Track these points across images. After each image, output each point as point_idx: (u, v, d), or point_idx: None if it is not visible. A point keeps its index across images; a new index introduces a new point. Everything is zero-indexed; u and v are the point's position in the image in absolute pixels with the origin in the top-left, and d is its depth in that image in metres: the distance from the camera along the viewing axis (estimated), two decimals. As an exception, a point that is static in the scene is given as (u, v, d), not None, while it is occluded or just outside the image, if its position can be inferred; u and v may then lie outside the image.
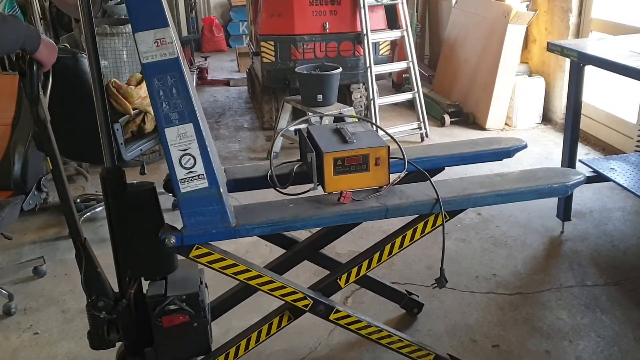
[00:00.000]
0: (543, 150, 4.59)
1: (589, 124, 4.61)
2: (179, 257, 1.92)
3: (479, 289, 2.81)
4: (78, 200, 3.84)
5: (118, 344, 2.10)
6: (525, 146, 2.38)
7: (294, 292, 1.97)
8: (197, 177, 1.74)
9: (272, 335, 2.06)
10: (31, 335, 2.59)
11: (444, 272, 2.04)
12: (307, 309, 2.00)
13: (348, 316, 2.05)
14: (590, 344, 2.41)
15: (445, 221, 1.98)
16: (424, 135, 4.94)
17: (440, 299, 2.73)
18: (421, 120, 4.93)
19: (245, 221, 1.84)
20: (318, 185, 1.99)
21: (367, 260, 2.03)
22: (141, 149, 3.42)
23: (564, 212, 3.33)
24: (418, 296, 2.63)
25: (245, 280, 1.92)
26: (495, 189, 1.97)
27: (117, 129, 3.17)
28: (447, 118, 5.24)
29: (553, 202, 3.48)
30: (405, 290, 2.63)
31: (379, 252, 2.02)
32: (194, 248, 1.83)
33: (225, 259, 1.87)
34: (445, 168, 2.31)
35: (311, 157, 1.95)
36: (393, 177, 2.02)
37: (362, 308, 2.68)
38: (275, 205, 1.95)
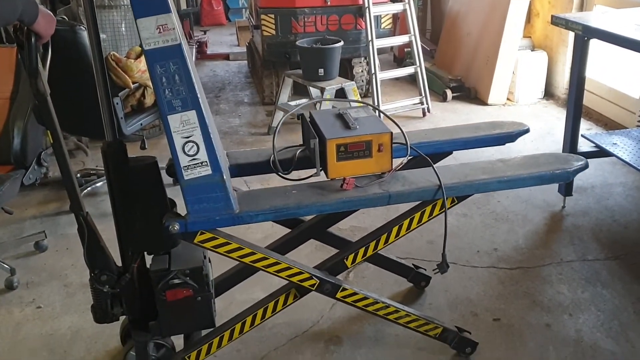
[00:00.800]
0: (545, 126, 4.57)
1: (591, 99, 4.58)
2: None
3: (480, 264, 2.82)
4: (78, 175, 3.83)
5: (122, 318, 2.11)
6: (527, 130, 2.38)
7: (300, 273, 1.98)
8: (200, 164, 1.74)
9: (278, 313, 2.07)
10: (34, 309, 2.61)
11: (445, 257, 2.06)
12: (313, 289, 2.01)
13: (355, 294, 2.06)
14: (590, 318, 2.42)
15: (454, 205, 1.99)
16: (426, 110, 4.91)
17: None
18: (423, 95, 4.90)
19: (248, 208, 1.84)
20: (321, 170, 1.99)
21: (374, 242, 2.04)
22: (141, 124, 3.39)
23: (566, 187, 3.32)
24: (425, 270, 2.63)
25: (251, 263, 1.93)
26: (498, 175, 1.98)
27: (117, 103, 3.14)
28: (449, 93, 5.21)
29: (555, 177, 3.47)
30: (412, 264, 2.64)
31: (386, 234, 2.03)
32: (198, 233, 1.84)
33: (230, 243, 1.88)
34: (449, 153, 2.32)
35: (314, 143, 1.95)
36: (396, 162, 2.03)
37: (363, 282, 2.68)
38: (278, 192, 1.95)
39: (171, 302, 1.92)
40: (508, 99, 5.12)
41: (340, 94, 4.29)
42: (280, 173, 2.07)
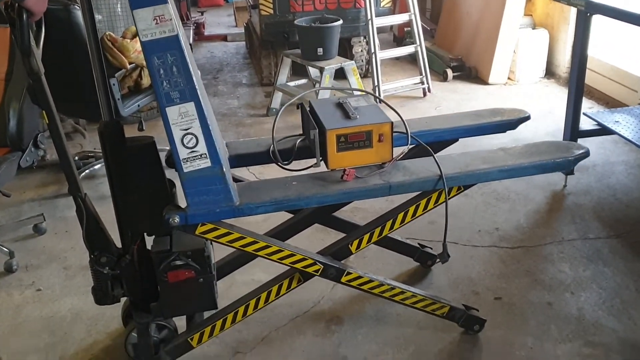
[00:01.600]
0: (546, 105, 4.54)
1: (593, 77, 4.54)
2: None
3: (481, 243, 2.81)
4: (76, 157, 3.81)
5: (123, 299, 2.11)
6: (528, 117, 2.38)
7: (303, 259, 1.97)
8: (199, 157, 1.72)
9: (282, 296, 2.07)
10: (34, 292, 2.60)
11: (446, 247, 2.05)
12: (317, 274, 2.01)
13: (359, 277, 2.06)
14: (592, 296, 2.41)
15: (460, 192, 1.99)
16: (426, 90, 4.87)
17: (443, 253, 2.72)
18: (423, 74, 4.85)
19: (248, 200, 1.83)
20: (321, 160, 1.98)
21: (380, 227, 2.04)
22: (139, 105, 3.36)
23: (567, 166, 3.30)
24: (431, 248, 2.62)
25: (254, 252, 1.93)
26: (498, 164, 1.97)
27: (114, 84, 3.11)
28: (449, 72, 5.16)
29: (556, 156, 3.45)
30: (418, 244, 2.62)
31: (391, 220, 2.03)
32: (199, 225, 1.83)
33: (232, 233, 1.87)
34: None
35: (314, 134, 1.94)
36: (398, 150, 2.02)
37: (364, 263, 2.67)
38: (279, 183, 1.94)
39: (173, 283, 1.91)
40: (509, 78, 5.08)
41: (340, 73, 4.25)
42: (280, 163, 2.06)
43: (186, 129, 1.68)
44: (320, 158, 1.98)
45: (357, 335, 2.26)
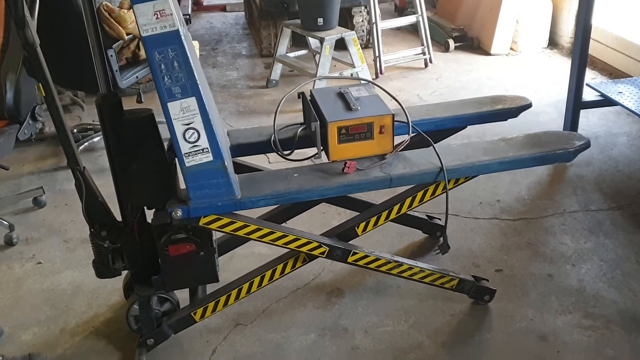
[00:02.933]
0: (549, 76, 4.49)
1: (597, 47, 4.48)
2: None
3: (482, 215, 2.80)
4: (75, 130, 3.78)
5: (124, 272, 2.11)
6: (529, 105, 2.37)
7: (308, 242, 1.98)
8: (201, 151, 1.72)
9: (286, 275, 2.08)
10: (34, 265, 2.60)
11: (447, 238, 2.06)
12: (324, 256, 2.01)
13: (366, 256, 2.06)
14: (593, 268, 2.41)
15: (467, 180, 2.00)
16: (428, 61, 4.82)
17: (444, 226, 2.72)
18: (425, 45, 4.79)
19: (250, 193, 1.84)
20: (322, 150, 1.97)
21: (387, 211, 2.07)
22: (137, 76, 3.32)
23: (569, 137, 3.27)
24: (440, 219, 2.62)
25: (258, 239, 1.93)
26: (499, 156, 1.98)
27: (111, 55, 3.07)
28: (451, 43, 5.10)
29: (558, 127, 3.43)
30: (426, 215, 2.62)
31: (399, 204, 2.05)
32: (202, 217, 1.84)
33: (235, 222, 1.87)
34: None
35: (315, 126, 1.94)
36: (399, 139, 2.02)
37: (365, 236, 2.66)
38: (280, 175, 1.94)
39: (174, 257, 1.91)
40: (511, 48, 5.02)
41: (340, 44, 4.19)
42: (281, 153, 2.07)
43: (188, 124, 1.68)
44: (322, 148, 1.98)
45: (357, 307, 2.26)
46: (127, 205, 1.95)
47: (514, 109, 2.32)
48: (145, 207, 1.99)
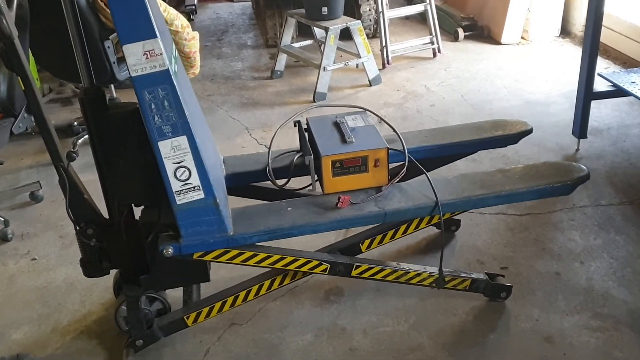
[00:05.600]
0: (560, 66, 4.36)
1: (610, 35, 4.34)
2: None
3: (488, 210, 2.70)
4: (75, 123, 3.73)
5: (115, 270, 2.05)
6: (530, 131, 2.30)
7: (308, 262, 1.93)
8: (192, 189, 1.70)
9: (285, 286, 2.06)
10: (29, 261, 2.55)
11: (442, 273, 2.01)
12: (326, 273, 1.98)
13: (370, 268, 2.01)
14: (602, 266, 2.32)
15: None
16: (436, 51, 4.71)
17: (448, 221, 2.63)
18: (433, 34, 4.68)
19: (242, 229, 1.81)
20: (316, 181, 1.96)
21: (393, 230, 2.09)
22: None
23: (580, 129, 3.16)
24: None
25: (255, 264, 1.89)
26: (496, 190, 1.93)
27: (108, 47, 3.00)
28: (460, 32, 4.98)
29: (569, 119, 3.31)
30: None
31: (406, 225, 2.07)
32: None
33: (230, 251, 1.84)
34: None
35: (309, 159, 1.92)
36: (396, 160, 2.00)
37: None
38: (273, 209, 1.91)
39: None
40: (522, 37, 4.89)
41: (346, 33, 4.10)
42: (276, 185, 2.05)
43: (179, 162, 1.66)
44: (317, 179, 1.96)
45: (356, 306, 2.19)
46: (114, 203, 1.89)
47: (513, 135, 2.28)
48: (132, 204, 1.92)
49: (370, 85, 4.24)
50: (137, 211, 1.95)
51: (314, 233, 1.90)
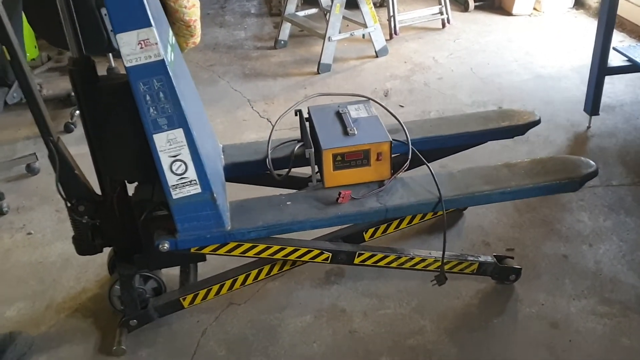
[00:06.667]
0: (573, 39, 4.23)
1: (626, 7, 4.19)
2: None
3: (494, 189, 2.62)
4: (73, 94, 3.64)
5: (109, 248, 2.00)
6: (538, 121, 2.21)
7: (309, 251, 1.88)
8: (189, 183, 1.65)
9: (286, 271, 2.02)
10: (24, 236, 2.50)
11: (444, 269, 1.92)
12: (327, 262, 1.92)
13: (373, 255, 1.95)
14: (611, 248, 2.25)
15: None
16: (445, 21, 4.57)
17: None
18: (443, 4, 4.53)
19: (240, 224, 1.76)
20: (317, 173, 1.89)
21: (398, 221, 2.11)
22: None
23: (592, 106, 3.05)
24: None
25: (255, 256, 1.84)
26: (501, 186, 1.87)
27: (105, 14, 2.89)
28: (470, 2, 4.83)
29: (580, 94, 3.21)
30: None
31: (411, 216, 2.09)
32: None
33: (227, 243, 1.78)
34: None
35: (310, 153, 1.85)
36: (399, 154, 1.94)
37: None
38: (272, 203, 1.85)
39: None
40: (534, 8, 4.73)
41: (352, 1, 3.96)
42: (275, 176, 1.98)
43: (175, 156, 1.60)
44: (317, 171, 1.88)
45: (357, 287, 2.13)
46: (106, 179, 1.82)
47: (521, 126, 2.20)
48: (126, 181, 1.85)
49: (377, 57, 4.13)
50: (131, 187, 1.88)
51: (315, 229, 1.85)
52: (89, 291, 2.19)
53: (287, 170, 2.02)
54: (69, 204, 1.82)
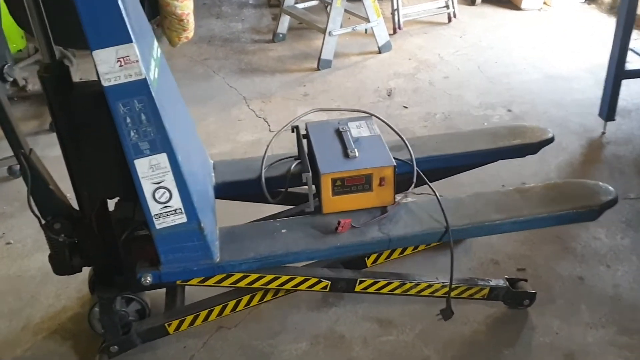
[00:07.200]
0: (585, 36, 4.05)
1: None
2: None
3: (504, 200, 2.47)
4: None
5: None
6: (551, 139, 2.06)
7: (306, 280, 1.73)
8: (174, 212, 1.51)
9: (280, 297, 1.86)
10: (3, 246, 2.35)
11: (450, 302, 1.76)
12: (327, 290, 1.77)
13: (375, 282, 1.80)
14: (631, 270, 2.09)
15: None
16: (452, 15, 4.39)
17: (460, 212, 2.40)
18: (448, -3, 4.36)
19: (230, 256, 1.62)
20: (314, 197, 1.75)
21: (402, 247, 2.00)
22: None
23: (608, 111, 2.89)
24: None
25: (247, 286, 1.70)
26: (513, 214, 1.72)
27: None
28: (477, -5, 4.65)
29: (594, 97, 3.05)
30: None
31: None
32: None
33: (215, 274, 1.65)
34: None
35: (307, 177, 1.71)
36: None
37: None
38: (265, 231, 1.71)
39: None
40: (544, 2, 4.56)
41: (354, -5, 3.79)
42: (269, 198, 1.83)
43: (158, 183, 1.47)
44: (314, 191, 1.74)
45: (357, 310, 1.98)
46: (84, 195, 1.67)
47: (533, 145, 2.05)
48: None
49: (380, 52, 3.95)
50: (113, 202, 1.73)
51: (311, 260, 1.71)
52: (70, 310, 2.04)
53: (282, 190, 1.87)
54: (43, 222, 1.67)
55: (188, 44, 3.58)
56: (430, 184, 1.77)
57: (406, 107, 3.28)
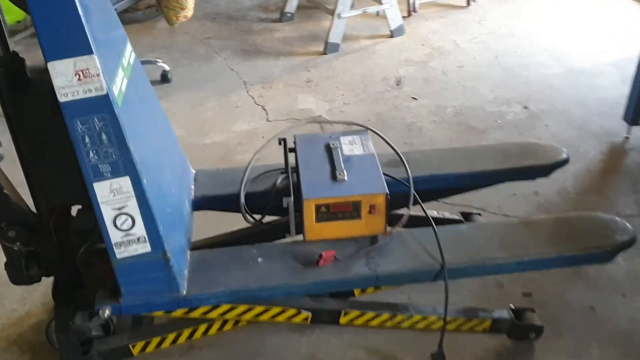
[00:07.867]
0: (613, 25, 3.78)
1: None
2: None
3: (513, 212, 2.27)
4: None
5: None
6: (566, 161, 1.84)
7: (283, 311, 1.57)
8: (136, 241, 1.37)
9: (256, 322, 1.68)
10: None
11: (442, 349, 1.58)
12: (307, 322, 1.61)
13: (362, 314, 1.62)
14: (649, 301, 1.90)
15: None
16: (470, -1, 4.14)
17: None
18: (468, -21, 4.10)
19: (198, 288, 1.46)
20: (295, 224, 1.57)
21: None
22: (115, 9, 2.78)
23: (634, 112, 2.65)
24: (480, 214, 2.08)
25: (220, 316, 1.56)
26: (517, 253, 1.54)
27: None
28: (499, -23, 4.37)
29: (619, 96, 2.82)
30: (460, 213, 2.04)
31: None
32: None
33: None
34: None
35: (288, 202, 1.54)
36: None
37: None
38: (240, 259, 1.54)
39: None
40: (571, -12, 4.27)
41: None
42: (250, 218, 1.66)
43: (120, 209, 1.32)
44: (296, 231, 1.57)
45: (342, 335, 1.80)
46: (42, 200, 1.50)
47: (546, 167, 1.83)
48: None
49: (392, 37, 3.72)
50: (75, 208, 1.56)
51: (287, 296, 1.53)
52: (33, 316, 1.89)
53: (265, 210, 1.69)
54: (-5, 229, 1.51)
55: (191, 20, 3.38)
56: (427, 211, 1.56)
57: (415, 99, 3.06)
